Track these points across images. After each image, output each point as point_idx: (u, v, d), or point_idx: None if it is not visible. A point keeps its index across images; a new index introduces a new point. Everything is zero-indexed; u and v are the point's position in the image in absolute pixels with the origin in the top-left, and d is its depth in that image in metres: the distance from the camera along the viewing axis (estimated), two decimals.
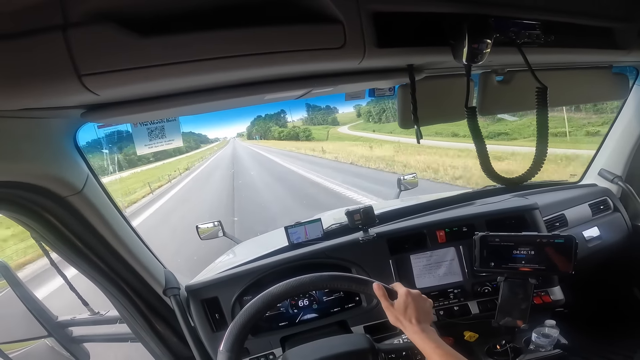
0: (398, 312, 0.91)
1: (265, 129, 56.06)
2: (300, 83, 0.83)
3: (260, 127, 59.87)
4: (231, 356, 0.85)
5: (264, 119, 59.14)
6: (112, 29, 0.51)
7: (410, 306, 0.90)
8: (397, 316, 0.91)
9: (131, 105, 0.72)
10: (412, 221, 1.53)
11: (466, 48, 0.76)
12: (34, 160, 0.73)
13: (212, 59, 0.59)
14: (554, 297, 1.42)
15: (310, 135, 38.70)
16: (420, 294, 0.94)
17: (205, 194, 12.79)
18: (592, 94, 1.40)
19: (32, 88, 0.52)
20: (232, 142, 61.53)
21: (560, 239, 1.17)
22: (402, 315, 0.90)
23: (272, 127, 52.53)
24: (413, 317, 0.89)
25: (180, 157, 35.97)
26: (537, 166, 0.83)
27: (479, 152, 0.84)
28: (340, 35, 0.66)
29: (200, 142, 55.89)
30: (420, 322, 0.89)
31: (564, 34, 0.91)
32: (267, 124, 56.71)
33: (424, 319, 0.90)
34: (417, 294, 0.94)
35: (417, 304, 0.91)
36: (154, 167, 28.80)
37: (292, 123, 49.52)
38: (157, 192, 15.63)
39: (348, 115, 45.24)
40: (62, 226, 0.89)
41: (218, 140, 66.50)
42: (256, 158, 24.88)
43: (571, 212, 1.75)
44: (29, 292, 1.25)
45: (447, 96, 1.07)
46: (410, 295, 0.92)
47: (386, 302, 0.92)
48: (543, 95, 0.84)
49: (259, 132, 58.52)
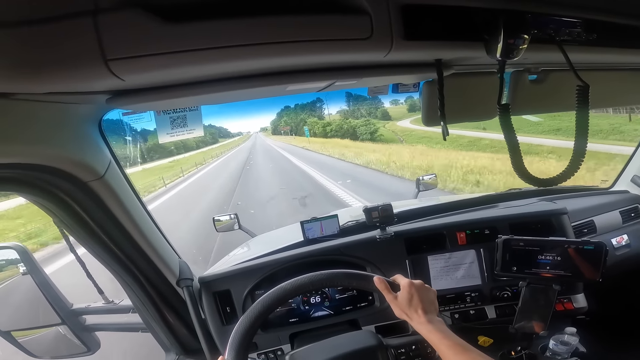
0: (402, 304, 0.89)
1: (296, 122, 45.60)
2: (323, 74, 0.81)
3: (290, 119, 48.61)
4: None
5: (294, 109, 49.22)
6: (139, 15, 0.51)
7: (415, 297, 0.88)
8: (402, 308, 0.89)
9: (155, 92, 0.72)
10: (432, 221, 1.50)
11: (501, 43, 0.72)
12: (58, 145, 0.74)
13: (236, 46, 0.58)
14: (576, 305, 1.37)
15: (377, 133, 27.01)
16: (423, 283, 0.92)
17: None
18: (635, 97, 1.33)
19: (59, 72, 0.52)
20: (253, 138, 53.60)
21: (590, 245, 1.12)
22: (406, 307, 0.88)
23: (308, 120, 41.52)
24: (419, 308, 0.87)
25: (185, 155, 31.74)
26: (573, 167, 0.79)
27: (511, 150, 0.81)
28: (367, 26, 0.64)
29: (219, 136, 49.80)
30: (427, 312, 0.87)
31: (607, 33, 0.87)
32: (298, 115, 46.77)
33: (429, 309, 0.88)
34: (420, 284, 0.92)
35: (421, 295, 0.89)
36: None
37: (329, 117, 39.12)
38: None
39: (396, 109, 35.72)
40: (81, 211, 0.90)
41: (241, 134, 62.59)
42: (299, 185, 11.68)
43: (600, 218, 1.69)
44: (46, 278, 1.27)
45: (475, 94, 1.03)
46: (413, 286, 0.90)
47: (389, 295, 0.91)
48: (584, 94, 0.79)
49: (289, 126, 47.47)
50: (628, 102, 1.63)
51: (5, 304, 1.37)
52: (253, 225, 2.50)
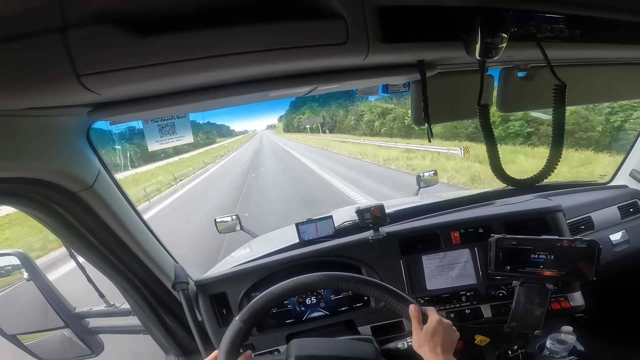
0: (425, 336, 0.90)
1: (329, 112, 30.75)
2: (305, 80, 0.81)
3: (317, 108, 32.97)
4: (242, 327, 0.87)
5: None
6: (109, 30, 0.52)
7: (439, 334, 0.89)
8: (423, 341, 0.90)
9: (136, 104, 0.73)
10: (426, 221, 1.49)
11: (479, 43, 0.72)
12: (43, 157, 0.75)
13: (212, 57, 0.59)
14: (573, 303, 1.36)
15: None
16: (451, 324, 0.94)
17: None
18: (624, 92, 1.31)
19: (33, 89, 0.54)
20: (259, 136, 44.61)
21: (583, 243, 1.11)
22: (428, 340, 0.89)
23: (362, 111, 26.82)
24: (439, 346, 0.88)
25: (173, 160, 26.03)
26: (550, 167, 0.79)
27: (489, 151, 0.81)
28: (343, 30, 0.64)
29: (219, 135, 42.87)
30: (445, 352, 0.88)
31: (591, 29, 0.86)
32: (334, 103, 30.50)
33: (448, 349, 0.89)
34: (449, 324, 0.93)
35: (445, 333, 0.90)
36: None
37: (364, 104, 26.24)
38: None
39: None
40: (74, 220, 0.92)
41: (246, 132, 56.74)
42: None
43: (598, 214, 1.67)
44: (48, 283, 1.29)
45: (462, 93, 1.03)
46: (442, 324, 0.91)
47: (417, 325, 0.92)
48: (561, 93, 0.79)
49: (320, 114, 31.38)
50: (618, 97, 1.60)
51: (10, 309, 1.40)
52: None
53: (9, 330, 1.34)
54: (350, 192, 9.09)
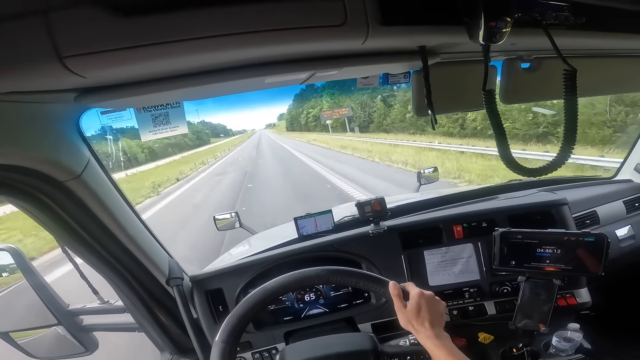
0: (410, 314, 0.86)
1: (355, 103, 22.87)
2: (302, 65, 0.78)
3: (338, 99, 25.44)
4: (226, 347, 0.83)
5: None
6: (93, 11, 0.50)
7: (424, 308, 0.85)
8: (409, 319, 0.86)
9: (124, 89, 0.70)
10: (428, 215, 1.46)
11: (482, 27, 0.68)
12: (30, 145, 0.72)
13: (202, 38, 0.56)
14: (580, 300, 1.33)
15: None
16: (433, 295, 0.89)
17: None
18: (630, 83, 1.28)
19: (14, 71, 0.52)
20: (257, 136, 42.42)
21: (591, 237, 1.08)
22: (414, 318, 0.85)
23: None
24: (426, 320, 0.84)
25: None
26: (563, 156, 0.75)
27: (498, 139, 0.77)
28: (341, 11, 0.61)
29: (214, 135, 40.40)
30: (434, 326, 0.84)
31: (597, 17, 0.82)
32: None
33: (437, 323, 0.85)
34: (431, 296, 0.88)
35: (430, 306, 0.86)
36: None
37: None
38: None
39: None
40: (61, 211, 0.88)
41: (245, 131, 56.00)
42: None
43: (603, 209, 1.64)
44: (41, 280, 1.26)
45: (465, 83, 0.99)
46: (423, 297, 0.87)
47: (400, 303, 0.88)
48: (572, 79, 0.75)
49: (345, 108, 22.44)
50: (623, 89, 1.57)
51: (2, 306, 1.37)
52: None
53: (1, 327, 1.32)
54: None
